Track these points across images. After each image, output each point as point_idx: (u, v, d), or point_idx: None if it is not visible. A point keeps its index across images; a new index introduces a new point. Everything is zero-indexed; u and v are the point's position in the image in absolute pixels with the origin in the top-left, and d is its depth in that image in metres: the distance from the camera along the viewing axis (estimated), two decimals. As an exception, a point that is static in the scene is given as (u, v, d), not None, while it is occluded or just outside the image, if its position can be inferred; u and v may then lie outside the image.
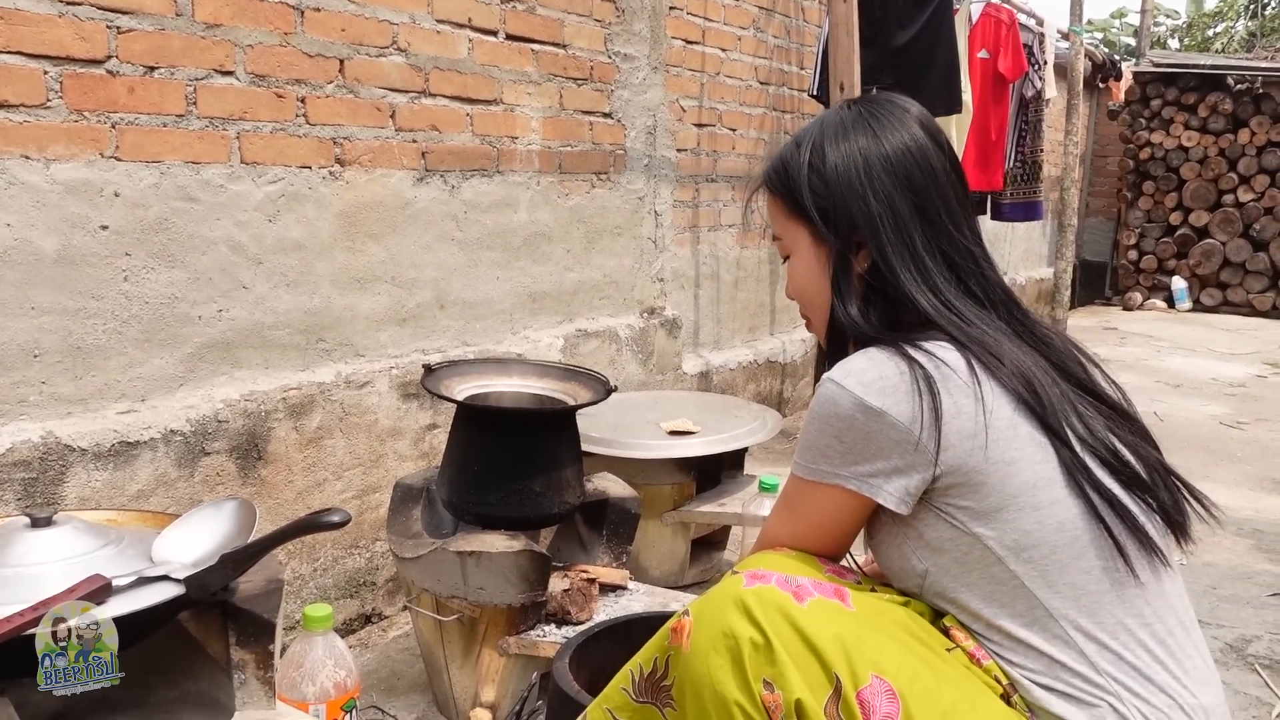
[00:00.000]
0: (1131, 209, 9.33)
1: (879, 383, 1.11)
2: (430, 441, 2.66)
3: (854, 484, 1.14)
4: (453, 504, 1.80)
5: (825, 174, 1.23)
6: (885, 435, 1.11)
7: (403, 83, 2.54)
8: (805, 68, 4.51)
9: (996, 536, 1.11)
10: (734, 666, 1.05)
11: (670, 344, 3.73)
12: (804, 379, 4.79)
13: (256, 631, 1.27)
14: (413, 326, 2.66)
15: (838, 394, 1.12)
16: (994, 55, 4.78)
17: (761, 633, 1.05)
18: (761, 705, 1.03)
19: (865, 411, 1.11)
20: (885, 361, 1.13)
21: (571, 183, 3.18)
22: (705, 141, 3.92)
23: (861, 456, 1.12)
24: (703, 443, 2.40)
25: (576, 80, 3.14)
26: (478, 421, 1.78)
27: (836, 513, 1.18)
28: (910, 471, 1.11)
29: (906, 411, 1.10)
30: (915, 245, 1.19)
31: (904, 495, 1.12)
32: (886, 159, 1.21)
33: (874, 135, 1.23)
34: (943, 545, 1.15)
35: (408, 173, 2.58)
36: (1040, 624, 1.10)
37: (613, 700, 1.19)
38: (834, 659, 1.03)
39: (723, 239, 4.14)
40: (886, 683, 1.03)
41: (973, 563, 1.13)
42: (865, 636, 1.06)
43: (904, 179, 1.21)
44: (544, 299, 3.12)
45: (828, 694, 1.02)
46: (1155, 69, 9.03)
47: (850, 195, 1.21)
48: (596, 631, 1.51)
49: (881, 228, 1.20)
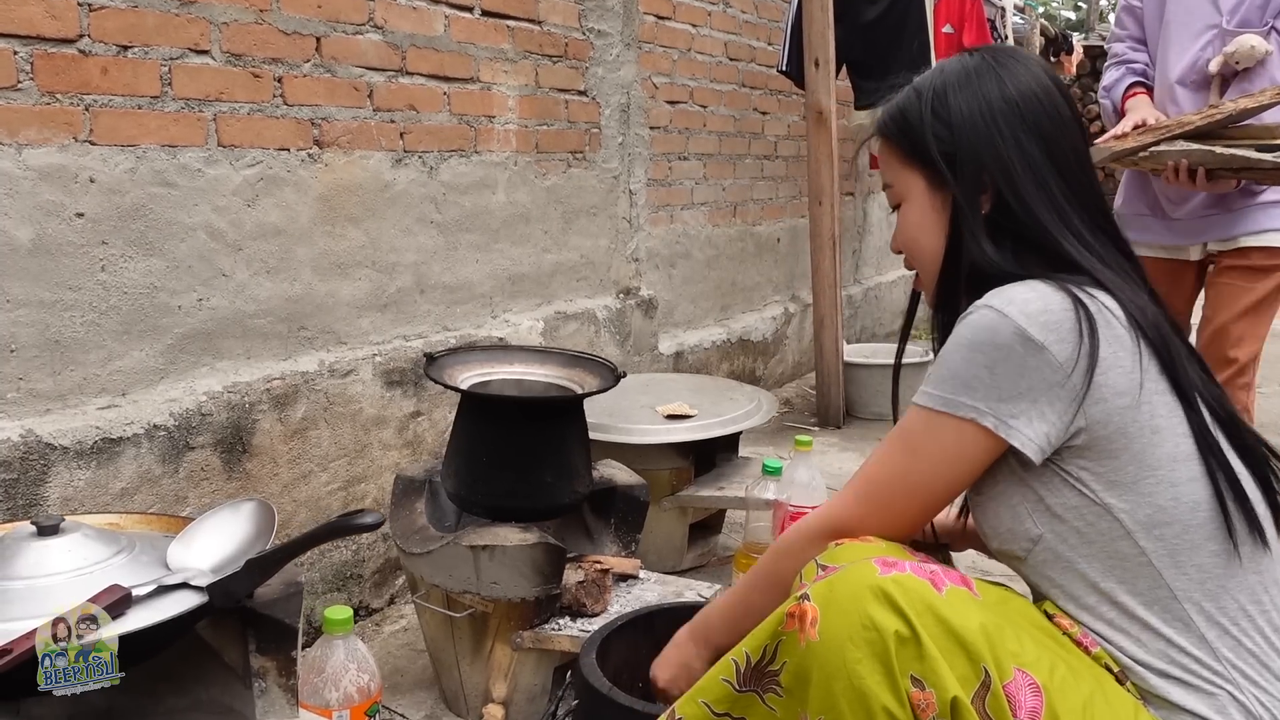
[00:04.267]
0: (1082, 182, 9.43)
1: (1043, 315, 1.06)
2: (414, 430, 2.60)
3: (991, 421, 1.07)
4: (460, 496, 1.75)
5: (950, 118, 1.19)
6: (1039, 374, 1.05)
7: (380, 61, 2.46)
8: (774, 44, 4.47)
9: (1129, 510, 1.07)
10: (877, 661, 0.97)
11: (646, 325, 3.69)
12: (775, 357, 4.78)
13: (278, 638, 1.22)
14: (394, 312, 2.59)
15: (998, 322, 1.07)
16: (958, 30, 4.79)
17: (908, 624, 0.98)
18: (909, 703, 0.96)
19: (1025, 344, 1.05)
20: (1050, 294, 1.08)
21: (548, 162, 3.12)
22: (677, 119, 3.87)
23: (1009, 393, 1.06)
24: (701, 426, 2.37)
25: (552, 57, 3.08)
26: (486, 411, 1.73)
27: (960, 454, 1.11)
28: (1056, 419, 1.06)
29: (1066, 352, 1.05)
30: (1049, 186, 1.15)
31: (1044, 444, 1.07)
32: (1014, 103, 1.18)
33: (999, 80, 1.19)
34: (1065, 513, 1.10)
35: (386, 154, 2.51)
36: (1162, 604, 1.07)
37: (711, 693, 1.11)
38: (981, 651, 0.98)
39: (695, 217, 4.10)
40: (1030, 675, 0.99)
41: (1096, 534, 1.09)
42: (1004, 627, 1.02)
43: (1033, 123, 1.17)
44: (523, 281, 3.07)
45: (975, 688, 0.97)
46: (1104, 43, 9.11)
47: (978, 138, 1.18)
48: (619, 624, 1.48)
49: (1013, 169, 1.16)
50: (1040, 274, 1.11)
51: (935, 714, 0.96)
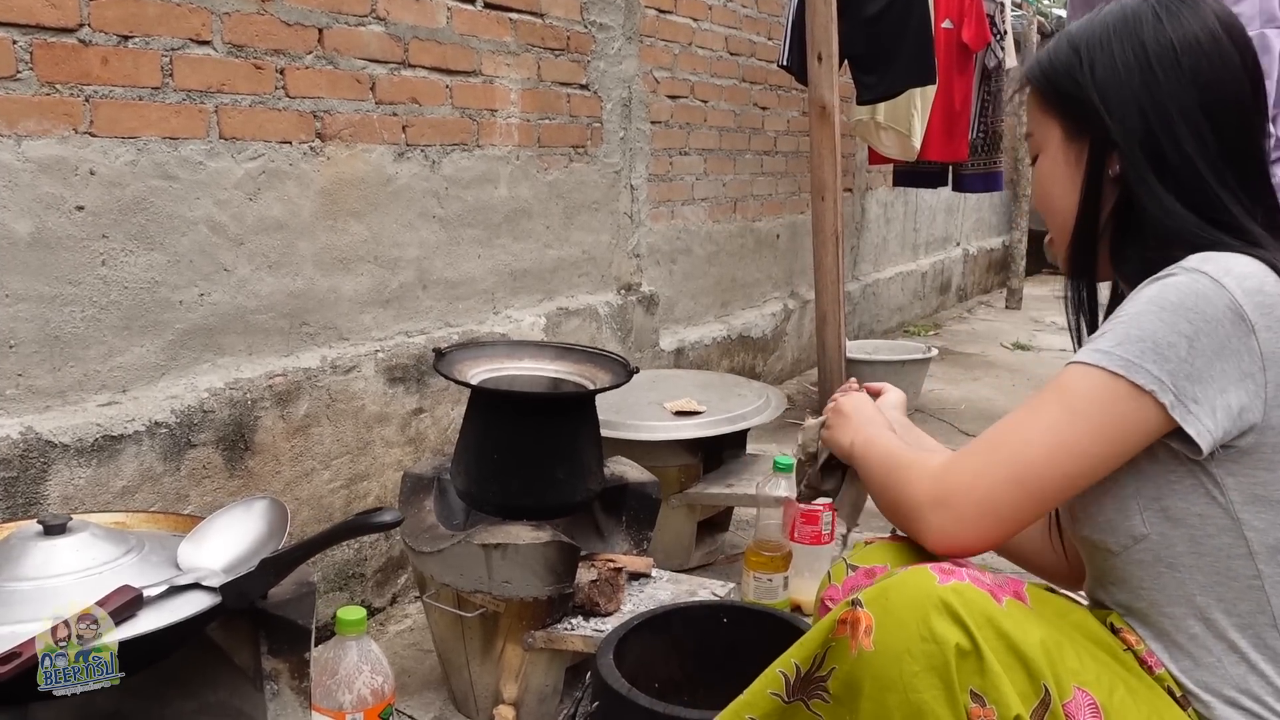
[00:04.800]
0: (1077, 179, 9.42)
1: (1259, 295, 0.96)
2: (417, 427, 2.57)
3: (1170, 399, 0.95)
4: (470, 494, 1.72)
5: (1095, 60, 1.08)
6: (1238, 359, 0.95)
7: (382, 53, 2.43)
8: (774, 38, 4.44)
9: (1261, 530, 0.99)
10: (936, 675, 0.92)
11: (648, 321, 3.66)
12: (775, 353, 4.76)
13: (291, 639, 1.19)
14: (396, 308, 2.56)
15: (1213, 291, 0.95)
16: (958, 25, 4.75)
17: (969, 637, 0.93)
18: (967, 718, 0.92)
19: (1237, 322, 0.94)
20: (1265, 273, 0.97)
21: (550, 157, 3.09)
22: (678, 114, 3.84)
23: (1202, 372, 0.95)
24: (711, 423, 2.34)
25: (554, 51, 3.05)
26: (498, 407, 1.70)
27: (1125, 428, 0.97)
28: (1237, 415, 0.96)
29: (1273, 342, 0.95)
30: (1207, 142, 1.04)
31: (1218, 437, 0.96)
32: (1171, 47, 1.05)
33: (1157, 24, 1.07)
34: (1185, 518, 1.01)
35: (389, 147, 2.48)
36: (1256, 630, 1.00)
37: (758, 707, 1.05)
38: (1041, 668, 0.94)
39: (695, 213, 4.07)
40: (1090, 695, 0.95)
41: (1212, 548, 1.01)
42: (1064, 642, 0.98)
43: (1189, 71, 1.05)
44: (525, 277, 3.04)
45: (1034, 705, 0.93)
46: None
47: (1124, 84, 1.06)
48: (635, 624, 1.45)
49: (1169, 116, 1.04)
50: (1201, 237, 1.02)
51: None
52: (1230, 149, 1.05)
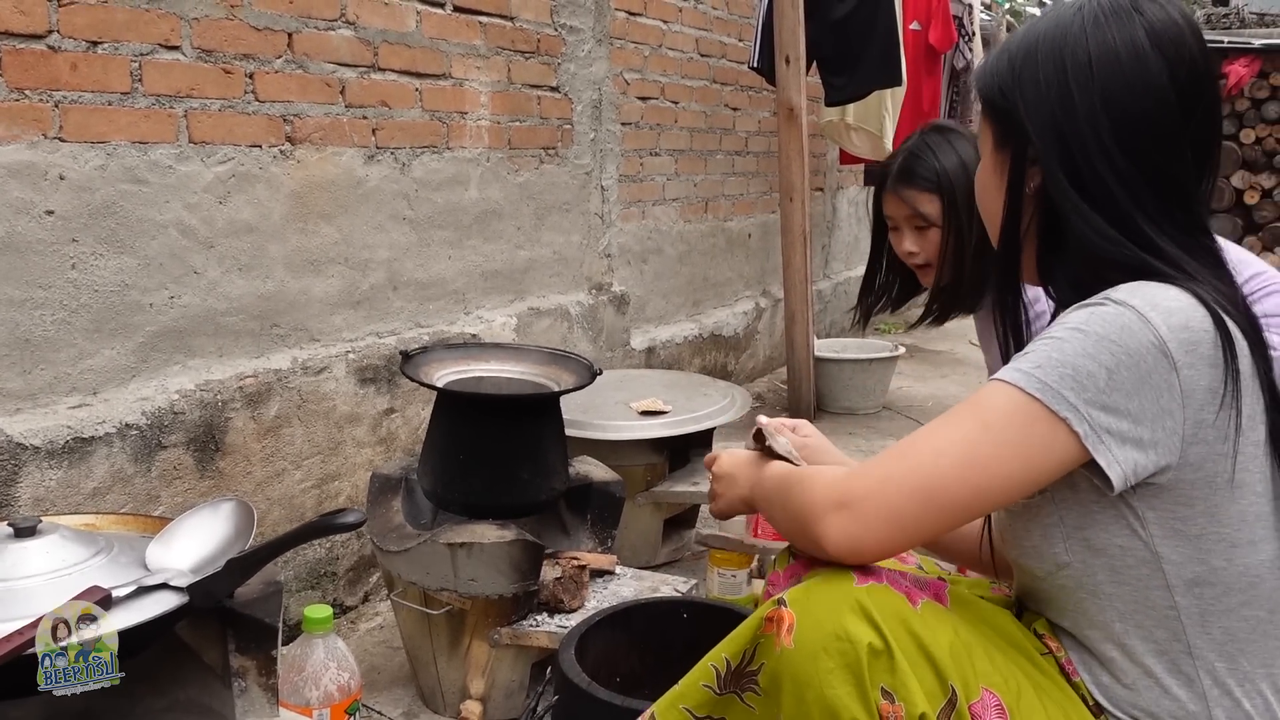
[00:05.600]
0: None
1: (1185, 332, 0.95)
2: (388, 427, 2.60)
3: (1084, 428, 0.94)
4: (436, 494, 1.76)
5: (1022, 73, 1.08)
6: (1158, 395, 0.94)
7: (352, 57, 2.45)
8: (744, 40, 4.49)
9: (1179, 564, 1.00)
10: (848, 672, 0.95)
11: (619, 320, 3.70)
12: (746, 352, 4.81)
13: (258, 637, 1.22)
14: (367, 309, 2.59)
15: (1138, 325, 0.95)
16: (925, 27, 4.82)
17: (882, 638, 0.96)
18: (878, 715, 0.95)
19: (1160, 359, 0.94)
20: (1194, 309, 0.96)
21: (521, 159, 3.12)
22: (649, 115, 3.88)
23: (1118, 406, 0.94)
24: (676, 422, 2.38)
25: (524, 53, 3.08)
26: (463, 409, 1.73)
27: (1036, 453, 0.97)
28: (1151, 450, 0.95)
29: (1195, 379, 0.95)
30: (1117, 163, 1.02)
31: (1131, 473, 0.96)
32: (1087, 63, 1.03)
33: (1082, 35, 1.05)
34: (1106, 548, 1.02)
35: (359, 150, 2.50)
36: (1171, 657, 1.02)
37: (691, 698, 1.08)
38: (948, 670, 0.97)
39: (666, 213, 4.11)
40: (996, 696, 0.98)
41: (1131, 578, 1.02)
42: (974, 645, 1.01)
43: (1100, 87, 1.03)
44: (496, 278, 3.06)
45: (941, 705, 0.96)
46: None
47: (1043, 99, 1.06)
48: (597, 620, 1.49)
49: (1082, 138, 1.03)
50: (1130, 259, 1.02)
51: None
52: (1147, 171, 1.02)
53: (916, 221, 2.01)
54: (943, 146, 1.96)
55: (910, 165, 2.00)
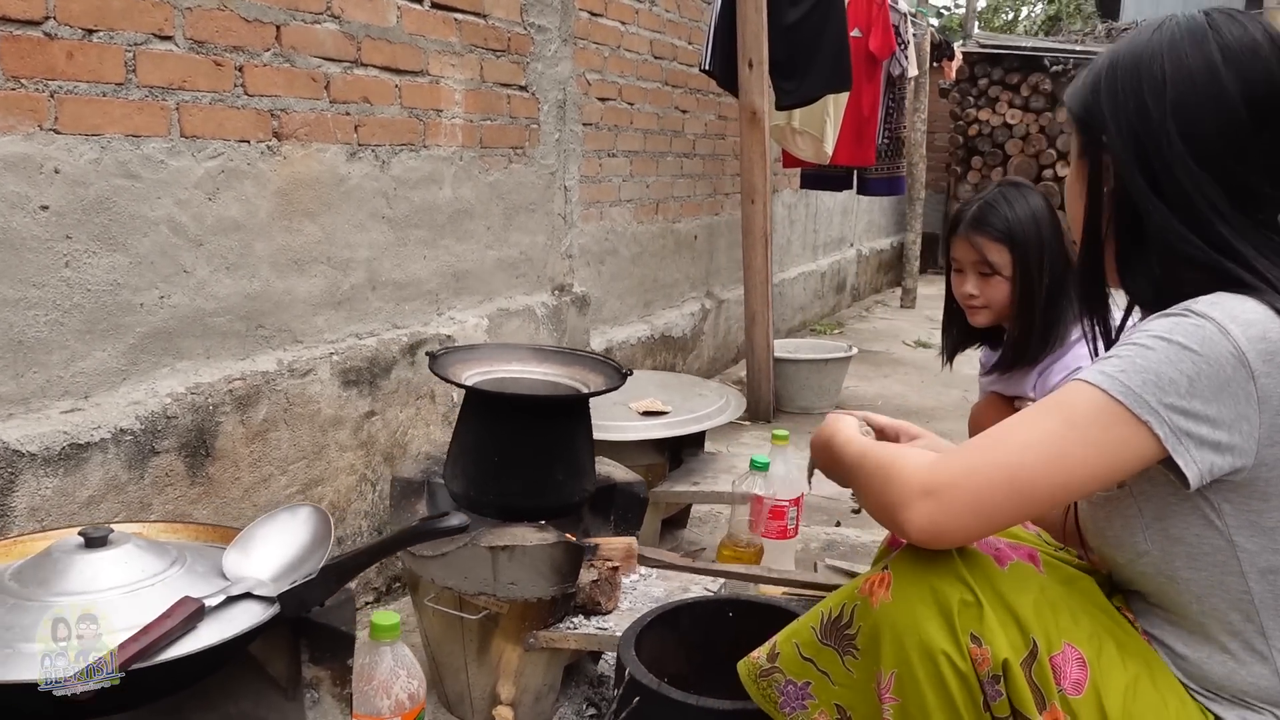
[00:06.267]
0: (961, 183, 9.80)
1: (1263, 342, 1.00)
2: (368, 430, 2.54)
3: (1165, 431, 1.00)
4: (468, 497, 1.72)
5: (1102, 87, 1.14)
6: (1235, 402, 1.00)
7: (337, 51, 2.39)
8: (694, 43, 4.51)
9: (1254, 553, 1.06)
10: (942, 619, 1.06)
11: (580, 321, 3.68)
12: (693, 352, 4.83)
13: (334, 646, 1.18)
14: (347, 309, 2.53)
15: (1218, 336, 1.00)
16: (866, 34, 4.91)
17: (973, 593, 1.07)
18: (968, 656, 1.05)
19: (1239, 369, 0.99)
20: (1270, 320, 1.01)
21: (491, 158, 3.08)
22: (608, 116, 3.87)
23: (1198, 411, 1.00)
24: (679, 422, 2.38)
25: (495, 52, 3.04)
26: (499, 410, 1.70)
27: (1117, 452, 1.02)
28: (1228, 453, 1.01)
29: (1273, 389, 1.00)
30: (1192, 171, 1.08)
31: (1207, 473, 1.01)
32: (1162, 80, 1.10)
33: (1159, 57, 1.11)
34: (1184, 537, 1.08)
35: (342, 147, 2.44)
36: (1245, 637, 1.09)
37: (801, 636, 1.22)
38: (1031, 624, 1.06)
39: (622, 214, 4.11)
40: (1078, 650, 1.06)
41: (1209, 564, 1.08)
42: (1059, 604, 1.09)
43: (1172, 104, 1.09)
44: (467, 278, 3.02)
45: (1023, 655, 1.05)
46: (982, 49, 9.49)
47: (1120, 109, 1.12)
48: (649, 621, 1.48)
49: (1159, 147, 1.09)
50: (1207, 261, 1.07)
51: (990, 669, 1.05)
52: (1220, 177, 1.08)
53: (982, 268, 2.12)
54: (1018, 201, 2.08)
55: (984, 214, 2.11)
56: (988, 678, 1.05)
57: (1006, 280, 2.07)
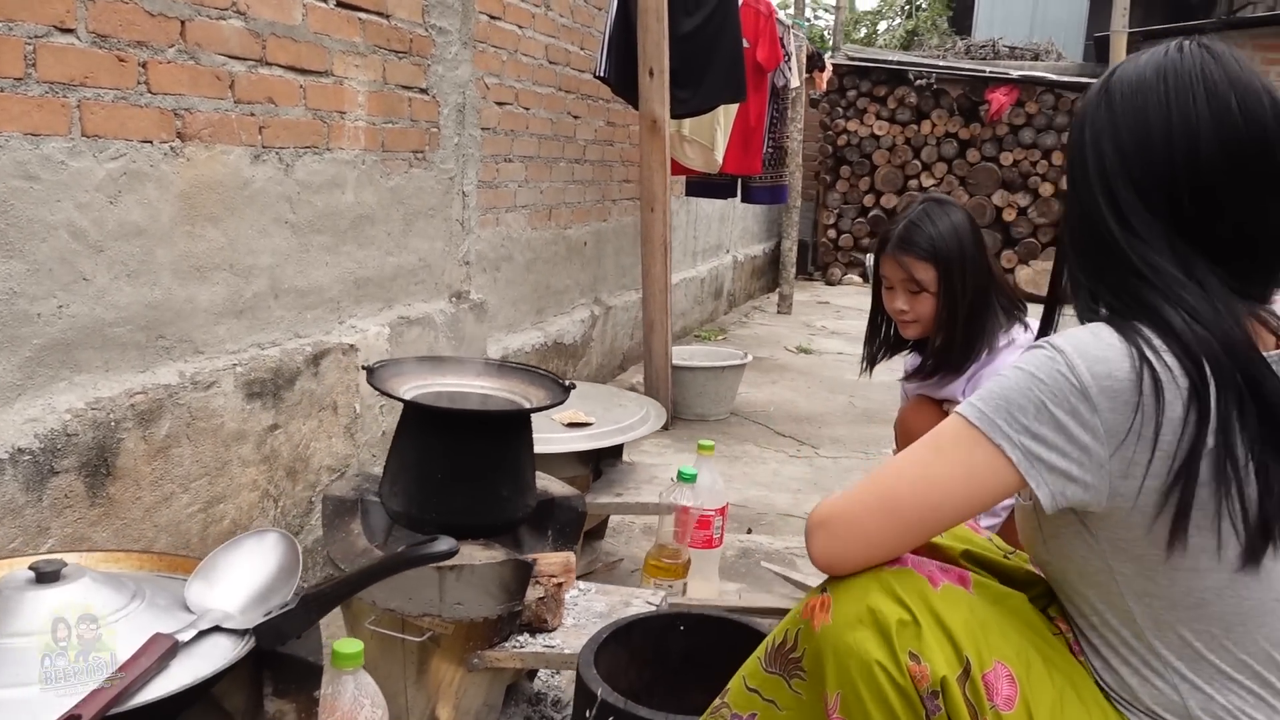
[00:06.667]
0: (830, 192, 10.08)
1: (1108, 380, 1.02)
2: (271, 444, 2.44)
3: (1016, 455, 1.05)
4: (409, 515, 1.66)
5: (1081, 104, 1.18)
6: (1081, 435, 1.04)
7: (242, 49, 2.29)
8: (587, 49, 4.50)
9: (1129, 577, 1.10)
10: (881, 638, 1.08)
11: (478, 329, 3.62)
12: (582, 359, 4.82)
13: (300, 678, 1.13)
14: (249, 318, 2.42)
15: (1064, 369, 1.04)
16: (754, 45, 4.99)
17: (909, 612, 1.09)
18: (908, 673, 1.07)
19: (1083, 402, 1.03)
20: (1120, 359, 1.03)
21: (393, 161, 3.01)
22: (504, 121, 3.83)
23: (1045, 437, 1.04)
24: (604, 433, 2.36)
25: (398, 53, 2.97)
26: (444, 426, 1.65)
27: (978, 476, 1.08)
28: (1077, 485, 1.05)
29: (1119, 425, 1.03)
30: (1116, 185, 1.10)
31: (1060, 496, 1.06)
32: (1115, 106, 1.12)
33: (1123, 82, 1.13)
34: (1073, 555, 1.14)
35: (246, 149, 2.34)
36: (1140, 654, 1.13)
37: (748, 669, 1.22)
38: (964, 642, 1.09)
39: (517, 220, 4.07)
40: (1007, 668, 1.09)
41: (1096, 584, 1.14)
42: (989, 622, 1.12)
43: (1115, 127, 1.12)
44: (368, 285, 2.94)
45: (958, 672, 1.08)
46: (850, 62, 9.78)
47: (1074, 132, 1.17)
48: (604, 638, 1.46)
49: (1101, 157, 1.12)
50: (1121, 299, 1.09)
51: (929, 685, 1.07)
52: (1146, 195, 1.09)
53: (911, 286, 2.19)
54: (941, 218, 2.15)
55: (910, 234, 2.18)
56: (927, 694, 1.07)
57: (934, 296, 2.14)
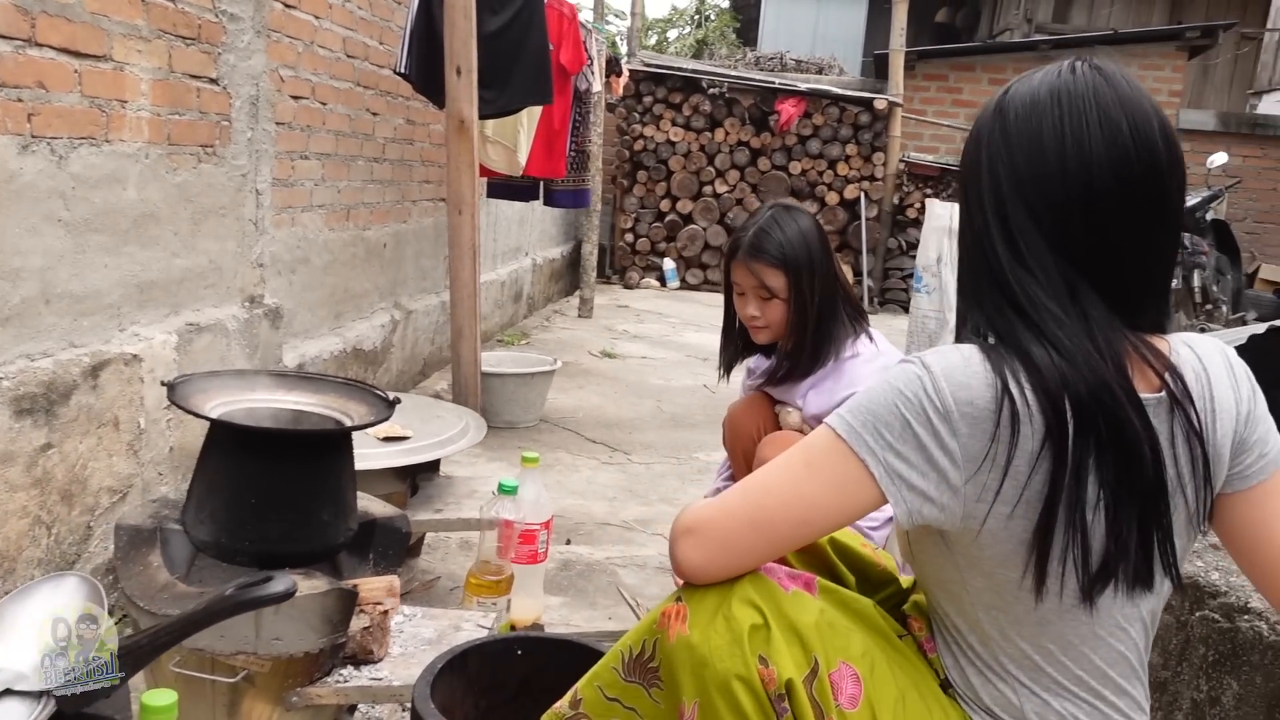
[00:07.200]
0: (627, 196, 10.17)
1: (969, 407, 1.04)
2: (44, 466, 2.21)
3: (879, 470, 1.06)
4: (219, 544, 1.51)
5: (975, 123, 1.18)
6: (940, 455, 1.05)
7: (8, 27, 2.06)
8: (385, 43, 4.33)
9: (979, 590, 1.13)
10: (735, 645, 1.08)
11: (273, 335, 3.42)
12: (383, 366, 4.64)
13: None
14: (17, 327, 2.18)
15: (930, 389, 1.05)
16: (557, 48, 4.95)
17: (762, 616, 1.10)
18: (759, 678, 1.07)
19: (943, 423, 1.04)
20: (984, 386, 1.04)
21: (180, 156, 2.79)
22: (300, 115, 3.62)
23: (907, 455, 1.05)
24: (425, 447, 2.24)
25: (186, 39, 2.75)
26: (258, 447, 1.51)
27: (846, 488, 1.08)
28: (932, 504, 1.07)
29: (977, 450, 1.04)
30: (1005, 209, 1.10)
31: (916, 513, 1.07)
32: (1008, 129, 1.12)
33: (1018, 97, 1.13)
34: (929, 563, 1.18)
35: (12, 138, 2.10)
36: (984, 659, 1.17)
37: (603, 678, 1.20)
38: (814, 643, 1.11)
39: (314, 220, 3.87)
40: (852, 668, 1.12)
41: (950, 594, 1.17)
42: (836, 624, 1.15)
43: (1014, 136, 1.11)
44: (152, 289, 2.71)
45: (805, 673, 1.09)
46: (646, 68, 9.90)
47: (968, 147, 1.17)
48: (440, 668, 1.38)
49: (996, 180, 1.11)
50: (992, 309, 1.10)
51: (776, 688, 1.08)
52: (1038, 218, 1.08)
53: (762, 292, 2.19)
54: (789, 224, 2.15)
55: (760, 241, 2.18)
56: (774, 696, 1.08)
57: (784, 302, 2.16)
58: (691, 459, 4.06)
